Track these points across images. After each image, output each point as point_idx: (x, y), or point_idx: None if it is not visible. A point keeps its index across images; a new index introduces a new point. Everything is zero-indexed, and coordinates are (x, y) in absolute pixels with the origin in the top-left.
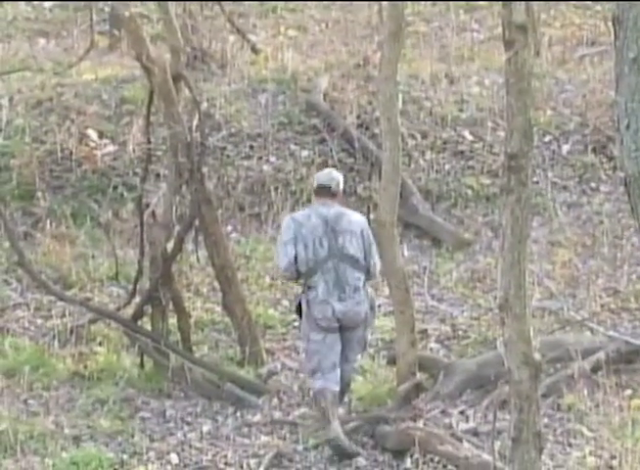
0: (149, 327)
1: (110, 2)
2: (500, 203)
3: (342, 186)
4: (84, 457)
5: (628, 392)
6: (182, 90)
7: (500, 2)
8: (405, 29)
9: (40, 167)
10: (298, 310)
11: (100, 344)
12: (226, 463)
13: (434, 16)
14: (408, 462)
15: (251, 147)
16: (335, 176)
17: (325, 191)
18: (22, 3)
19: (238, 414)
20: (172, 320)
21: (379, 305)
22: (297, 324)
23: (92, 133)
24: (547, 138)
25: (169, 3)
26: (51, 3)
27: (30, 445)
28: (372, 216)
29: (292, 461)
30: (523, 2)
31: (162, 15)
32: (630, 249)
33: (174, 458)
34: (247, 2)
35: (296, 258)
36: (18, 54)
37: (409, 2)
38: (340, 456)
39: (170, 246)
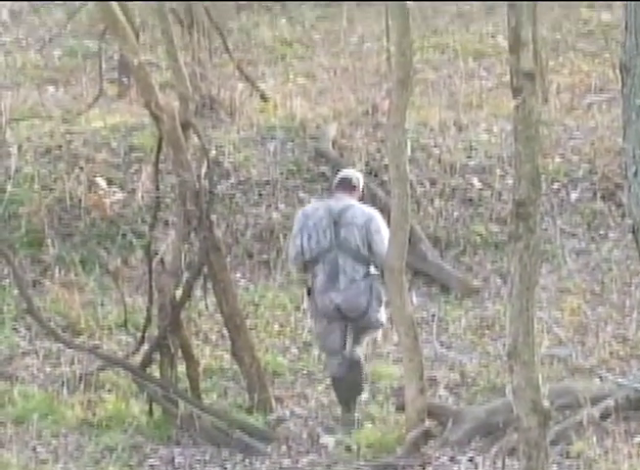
0: (157, 374)
1: (119, 51)
2: (509, 250)
3: (361, 183)
4: None
5: (638, 439)
6: (191, 138)
7: (508, 48)
8: (414, 77)
9: (49, 215)
10: (309, 293)
11: (109, 391)
12: None
13: (443, 63)
14: None
15: (260, 194)
16: (356, 174)
17: (345, 183)
18: (32, 51)
19: (246, 462)
20: (181, 368)
21: (388, 353)
22: (305, 372)
23: (101, 181)
24: (556, 185)
25: (178, 51)
26: (60, 51)
27: None
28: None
29: None
30: (530, 50)
31: (171, 62)
32: (639, 296)
33: None
34: (256, 50)
35: (302, 247)
36: (27, 101)
37: (417, 50)
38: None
39: (179, 293)
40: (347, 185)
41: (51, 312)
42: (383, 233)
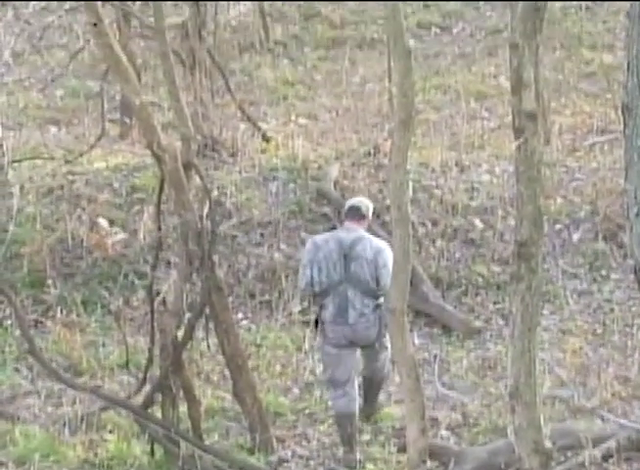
0: (159, 415)
1: (121, 91)
2: (510, 290)
3: (370, 212)
4: None
5: None
6: (193, 178)
7: (510, 89)
8: (415, 118)
9: (51, 255)
10: (316, 324)
11: (110, 431)
12: None
13: (445, 104)
14: None
15: (262, 235)
16: (365, 202)
17: (354, 212)
18: (34, 92)
19: None
20: (183, 408)
21: (389, 394)
22: (306, 412)
23: (103, 221)
24: (558, 226)
25: (180, 92)
26: (62, 91)
27: None
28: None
29: None
30: (532, 91)
31: (173, 103)
32: None
33: None
34: (258, 91)
35: (312, 279)
36: (29, 142)
37: (419, 91)
38: None
39: (181, 333)
40: (356, 214)
41: (52, 353)
42: (389, 266)
